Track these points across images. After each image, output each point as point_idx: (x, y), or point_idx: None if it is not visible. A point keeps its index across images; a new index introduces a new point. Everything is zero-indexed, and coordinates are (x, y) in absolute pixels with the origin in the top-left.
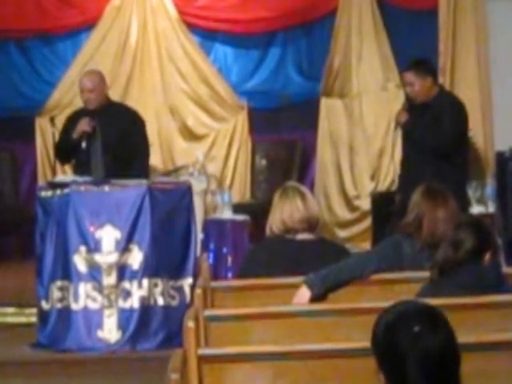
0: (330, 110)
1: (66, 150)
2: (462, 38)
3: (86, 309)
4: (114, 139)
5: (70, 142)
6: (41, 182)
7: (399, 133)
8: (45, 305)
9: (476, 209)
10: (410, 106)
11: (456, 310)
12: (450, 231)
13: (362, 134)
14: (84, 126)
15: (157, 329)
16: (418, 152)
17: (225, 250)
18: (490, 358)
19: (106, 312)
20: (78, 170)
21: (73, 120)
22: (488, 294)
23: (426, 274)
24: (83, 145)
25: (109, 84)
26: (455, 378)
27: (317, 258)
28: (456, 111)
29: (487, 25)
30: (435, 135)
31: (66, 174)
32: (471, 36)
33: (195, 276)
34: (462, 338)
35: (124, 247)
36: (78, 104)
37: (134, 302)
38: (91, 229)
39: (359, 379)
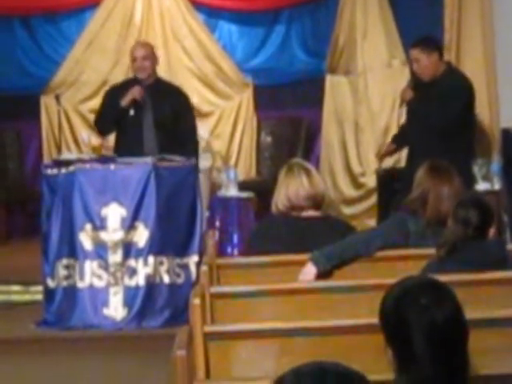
0: (335, 87)
1: (110, 118)
2: (467, 14)
3: (91, 286)
4: (166, 115)
5: (118, 110)
6: (46, 159)
7: (404, 110)
8: (51, 283)
9: (482, 186)
10: (416, 83)
11: (461, 286)
12: (453, 208)
13: (367, 111)
14: (136, 93)
15: (162, 306)
16: (423, 129)
17: (230, 227)
18: (496, 334)
19: (112, 290)
20: (124, 141)
21: (118, 91)
22: (493, 270)
23: (431, 250)
24: (131, 112)
25: (114, 62)
26: (462, 351)
27: (322, 235)
28: (462, 88)
29: (492, 1)
30: (441, 113)
31: (71, 152)
32: (477, 12)
33: (201, 253)
34: (467, 314)
35: (130, 225)
36: (84, 81)
37: (140, 280)
38: (97, 207)
39: (366, 355)
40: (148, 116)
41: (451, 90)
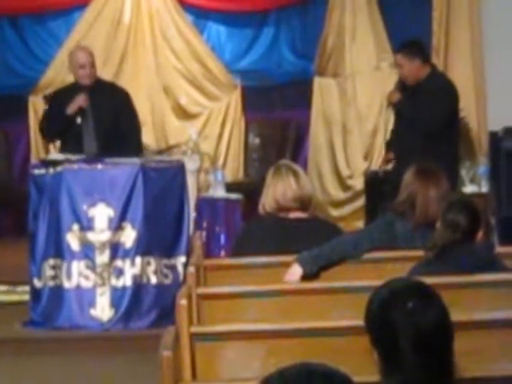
0: (323, 89)
1: (57, 126)
2: (455, 17)
3: (78, 287)
4: (107, 116)
5: (64, 118)
6: (34, 160)
7: (392, 112)
8: (37, 283)
9: (469, 188)
10: (403, 85)
11: (448, 288)
12: (441, 211)
13: (355, 113)
14: (81, 101)
15: (149, 307)
16: (409, 131)
17: (217, 228)
18: (482, 337)
19: (99, 290)
20: (67, 148)
21: (60, 97)
22: (481, 273)
23: (418, 252)
24: (78, 120)
25: (102, 63)
26: (448, 354)
27: (310, 236)
28: (445, 92)
29: (480, 4)
30: (426, 116)
31: (58, 152)
32: (465, 15)
33: (188, 254)
34: (455, 316)
35: (117, 225)
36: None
37: (127, 281)
38: (84, 207)
39: (352, 357)
40: (88, 121)
41: (435, 93)
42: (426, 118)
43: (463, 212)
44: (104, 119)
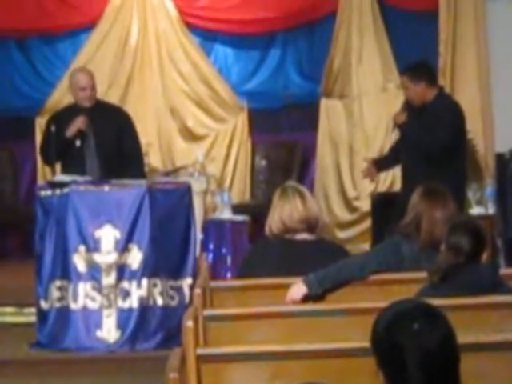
0: (330, 110)
1: (56, 148)
2: (462, 39)
3: (85, 308)
4: (109, 138)
5: (63, 141)
6: (40, 181)
7: (397, 134)
8: (44, 304)
9: (476, 210)
10: (409, 106)
11: (454, 310)
12: (446, 233)
13: (361, 134)
14: (80, 123)
15: (156, 329)
16: (414, 153)
17: (224, 250)
18: (489, 359)
19: (105, 312)
20: (68, 170)
21: (60, 119)
22: (486, 294)
23: (425, 274)
24: (77, 143)
25: (109, 84)
26: (455, 376)
27: (316, 258)
28: (452, 113)
29: (487, 26)
30: (431, 139)
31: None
32: (471, 37)
33: (194, 276)
34: (461, 338)
35: (123, 247)
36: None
37: (133, 302)
38: (90, 228)
39: (358, 379)
40: (90, 143)
41: (440, 115)
42: (432, 140)
43: (466, 235)
44: (106, 141)
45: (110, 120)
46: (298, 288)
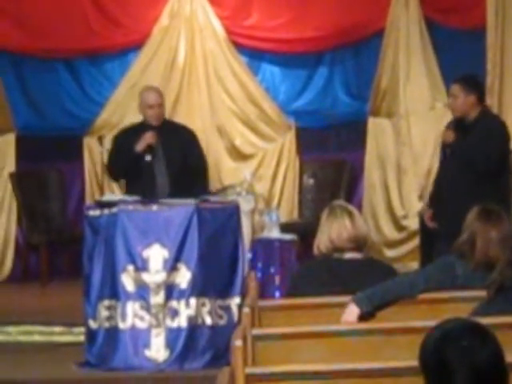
0: (377, 129)
1: (125, 164)
2: (510, 57)
3: (133, 328)
4: (177, 156)
5: (132, 156)
6: (89, 201)
7: (439, 153)
8: (92, 324)
9: None
10: (456, 125)
11: (504, 328)
12: (506, 252)
13: (409, 153)
14: (150, 138)
15: (204, 348)
16: (463, 170)
17: (272, 269)
18: None
19: (154, 331)
20: (136, 188)
21: (128, 136)
22: None
23: (476, 293)
24: (148, 158)
25: None
26: None
27: (365, 277)
28: (498, 132)
29: None
30: (483, 155)
31: (113, 193)
32: None
33: (243, 295)
34: (510, 357)
35: (172, 266)
36: (126, 123)
37: (182, 321)
38: (139, 248)
39: None
40: (160, 161)
41: (490, 134)
42: (484, 158)
43: None
44: (175, 158)
45: (177, 137)
46: (351, 310)
